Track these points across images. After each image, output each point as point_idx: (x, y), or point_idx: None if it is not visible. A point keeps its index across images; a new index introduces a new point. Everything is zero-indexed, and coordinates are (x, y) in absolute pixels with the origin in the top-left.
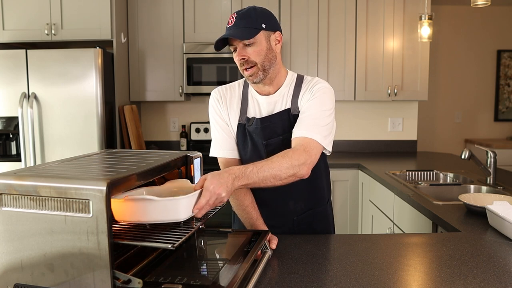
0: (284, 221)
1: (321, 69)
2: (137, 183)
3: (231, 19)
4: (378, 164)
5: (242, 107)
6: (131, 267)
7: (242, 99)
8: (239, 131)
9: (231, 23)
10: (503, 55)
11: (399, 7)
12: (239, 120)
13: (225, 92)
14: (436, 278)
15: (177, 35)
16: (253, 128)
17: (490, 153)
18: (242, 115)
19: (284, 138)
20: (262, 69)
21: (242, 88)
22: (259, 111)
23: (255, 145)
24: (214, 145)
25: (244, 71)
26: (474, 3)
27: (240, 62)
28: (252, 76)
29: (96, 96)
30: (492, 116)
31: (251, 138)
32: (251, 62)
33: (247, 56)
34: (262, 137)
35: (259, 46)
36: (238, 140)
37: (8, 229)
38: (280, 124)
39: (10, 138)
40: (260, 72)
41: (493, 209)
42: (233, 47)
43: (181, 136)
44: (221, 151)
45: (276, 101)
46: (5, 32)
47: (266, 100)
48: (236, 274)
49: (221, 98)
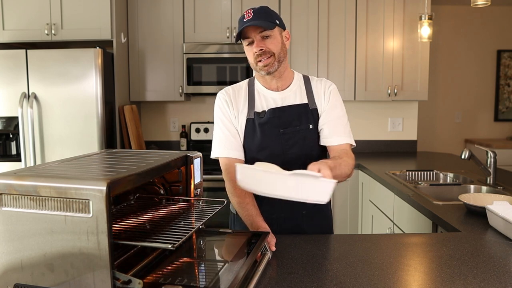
0: (294, 214)
1: (321, 69)
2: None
3: (247, 14)
4: (378, 164)
5: (250, 103)
6: (131, 267)
7: (249, 96)
8: (248, 126)
9: (249, 17)
10: (503, 55)
11: (399, 7)
12: (247, 116)
13: (231, 92)
14: (436, 278)
15: (177, 35)
16: (266, 119)
17: (490, 153)
18: (250, 110)
19: (300, 129)
20: (278, 59)
21: (248, 87)
22: (268, 105)
23: (267, 136)
24: (218, 145)
25: (258, 62)
26: (474, 3)
27: (258, 53)
28: (268, 66)
29: (96, 96)
30: (492, 116)
31: (263, 130)
32: (269, 53)
33: (265, 47)
34: (278, 126)
35: (275, 38)
36: (247, 134)
37: (8, 229)
38: (297, 116)
39: (10, 138)
40: (275, 63)
41: (493, 209)
42: (249, 40)
43: (181, 136)
44: (225, 150)
45: (287, 96)
46: (5, 32)
47: (278, 95)
48: (236, 276)
49: (229, 99)
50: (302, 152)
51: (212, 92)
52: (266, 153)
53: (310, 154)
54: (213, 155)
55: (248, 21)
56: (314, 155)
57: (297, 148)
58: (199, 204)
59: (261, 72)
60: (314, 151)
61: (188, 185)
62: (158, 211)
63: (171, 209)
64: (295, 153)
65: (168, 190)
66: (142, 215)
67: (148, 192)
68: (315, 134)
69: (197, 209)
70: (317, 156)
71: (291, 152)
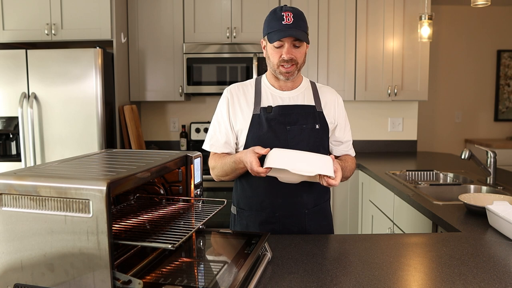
0: (297, 213)
1: (321, 69)
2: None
3: (287, 16)
4: (378, 164)
5: (256, 99)
6: (131, 267)
7: (256, 93)
8: (253, 121)
9: (289, 21)
10: (503, 55)
11: (399, 7)
12: (253, 111)
13: (237, 89)
14: (436, 278)
15: (177, 35)
16: (273, 116)
17: (490, 153)
18: (257, 106)
19: (306, 128)
20: (298, 68)
21: (255, 84)
22: (275, 103)
23: (274, 132)
24: (212, 141)
25: (281, 66)
26: (474, 3)
27: (286, 60)
28: (289, 73)
29: (96, 96)
30: (492, 116)
31: (270, 126)
32: (294, 61)
33: (294, 56)
34: (285, 124)
35: (303, 48)
36: (253, 129)
37: (8, 229)
38: (304, 115)
39: (10, 138)
40: (296, 72)
41: (493, 209)
42: (280, 43)
43: (181, 136)
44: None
45: (295, 96)
46: (5, 32)
47: (286, 94)
48: (236, 278)
49: (230, 96)
50: (307, 150)
51: (212, 92)
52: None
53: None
54: (206, 147)
55: (289, 27)
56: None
57: (302, 146)
58: (199, 204)
59: (280, 76)
60: (319, 149)
61: (188, 185)
62: (158, 211)
63: (171, 209)
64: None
65: (168, 190)
66: (142, 215)
67: (148, 192)
68: (320, 134)
69: (197, 209)
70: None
71: (296, 149)
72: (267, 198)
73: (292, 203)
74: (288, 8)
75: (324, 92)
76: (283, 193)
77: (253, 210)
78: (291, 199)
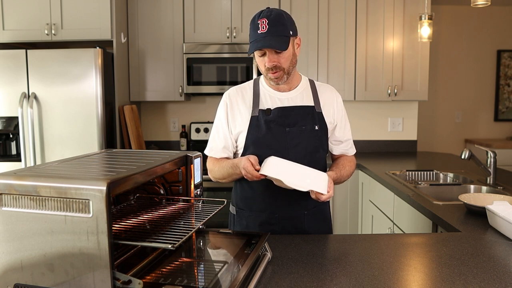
0: (296, 215)
1: (321, 69)
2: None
3: (262, 25)
4: (378, 164)
5: (255, 101)
6: (131, 267)
7: (254, 95)
8: (252, 123)
9: (263, 29)
10: (503, 55)
11: (399, 7)
12: (252, 114)
13: (236, 93)
14: (436, 278)
15: (177, 35)
16: (273, 117)
17: (490, 153)
18: (255, 108)
19: (305, 129)
20: (287, 72)
21: (253, 86)
22: (274, 105)
23: (273, 134)
24: (211, 145)
25: (269, 73)
26: (474, 3)
27: (270, 67)
28: (278, 79)
29: (96, 96)
30: (492, 116)
31: (269, 128)
32: (279, 68)
33: (277, 62)
34: (284, 125)
35: (287, 53)
36: (251, 131)
37: (8, 229)
38: (303, 116)
39: (10, 138)
40: (285, 76)
41: (493, 209)
42: (261, 52)
43: (181, 136)
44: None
45: (294, 97)
46: (5, 32)
47: (285, 96)
48: (236, 277)
49: (229, 100)
50: (306, 151)
51: (212, 92)
52: (270, 151)
53: (314, 153)
54: (208, 153)
55: (264, 36)
56: (318, 155)
57: (301, 147)
58: (199, 204)
59: (271, 82)
60: (319, 151)
61: (188, 185)
62: (158, 211)
63: (171, 209)
64: (299, 152)
65: (168, 190)
66: (142, 215)
67: (148, 192)
68: (320, 135)
69: (197, 209)
70: (320, 156)
71: (295, 150)
72: (267, 199)
73: (292, 205)
74: (264, 14)
75: (323, 91)
76: (283, 194)
77: (253, 211)
78: (291, 200)
